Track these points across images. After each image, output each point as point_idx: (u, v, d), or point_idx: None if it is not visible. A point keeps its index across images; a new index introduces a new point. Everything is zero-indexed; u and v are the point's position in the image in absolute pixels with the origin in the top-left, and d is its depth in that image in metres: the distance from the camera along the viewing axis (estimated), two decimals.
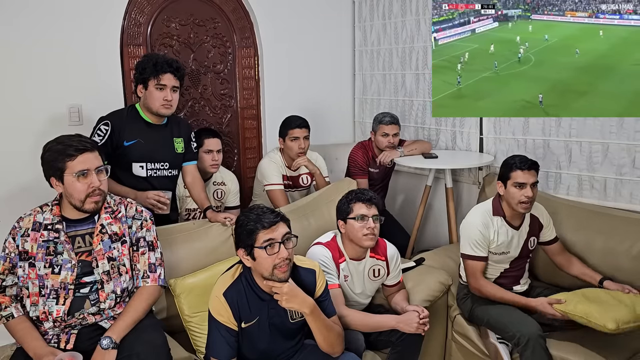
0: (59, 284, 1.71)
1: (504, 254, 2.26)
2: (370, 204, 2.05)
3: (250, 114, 3.41)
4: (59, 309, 1.70)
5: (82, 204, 1.72)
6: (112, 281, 1.77)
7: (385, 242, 2.19)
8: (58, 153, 1.70)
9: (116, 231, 1.81)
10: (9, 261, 1.72)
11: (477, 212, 2.29)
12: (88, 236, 1.77)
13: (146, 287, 1.84)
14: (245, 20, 3.29)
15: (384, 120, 3.02)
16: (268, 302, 1.75)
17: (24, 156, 2.53)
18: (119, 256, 1.80)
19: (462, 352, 2.38)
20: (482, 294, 2.24)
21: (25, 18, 2.54)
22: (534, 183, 2.17)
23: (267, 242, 1.66)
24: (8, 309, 1.70)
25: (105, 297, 1.76)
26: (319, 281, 1.83)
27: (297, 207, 2.65)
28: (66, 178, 1.69)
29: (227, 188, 2.88)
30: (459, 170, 3.16)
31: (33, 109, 2.58)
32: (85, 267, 1.75)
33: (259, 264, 1.69)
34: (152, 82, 2.20)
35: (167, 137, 2.34)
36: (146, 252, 1.86)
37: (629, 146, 2.45)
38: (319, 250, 2.06)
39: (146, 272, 1.85)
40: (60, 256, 1.72)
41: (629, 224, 2.33)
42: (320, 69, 3.62)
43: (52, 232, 1.73)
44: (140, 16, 2.92)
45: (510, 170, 2.19)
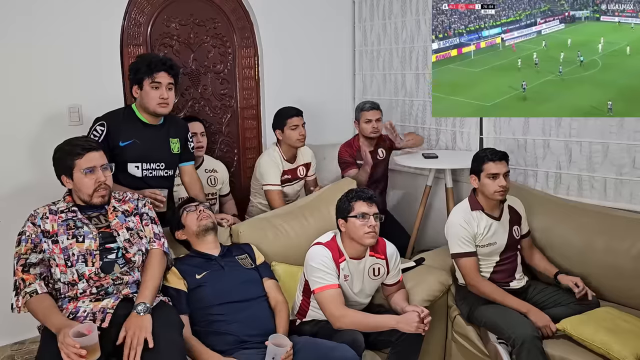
0: (85, 251, 1.84)
1: (491, 245, 2.30)
2: (371, 202, 2.05)
3: (250, 114, 3.41)
4: (90, 269, 1.82)
5: (91, 198, 1.89)
6: (135, 245, 1.95)
7: (384, 240, 2.19)
8: (67, 153, 1.88)
9: (127, 209, 2.00)
10: (31, 242, 1.82)
11: (457, 211, 2.36)
12: (102, 216, 1.94)
13: (155, 251, 1.99)
14: (245, 20, 3.29)
15: (365, 107, 3.09)
16: (216, 259, 2.10)
17: (24, 156, 2.54)
18: (135, 225, 1.99)
19: (462, 352, 2.38)
20: (480, 292, 2.26)
21: (26, 18, 2.54)
22: (506, 173, 2.26)
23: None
24: (32, 285, 1.75)
25: (133, 255, 1.91)
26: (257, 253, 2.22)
27: (297, 207, 2.65)
28: (75, 175, 1.87)
29: (219, 175, 2.94)
30: (459, 170, 3.16)
31: (33, 109, 2.59)
32: (107, 237, 1.90)
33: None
34: (147, 81, 2.20)
35: (163, 138, 2.34)
36: (149, 224, 2.03)
37: (629, 146, 2.45)
38: (319, 250, 2.06)
39: (152, 238, 2.01)
40: (81, 229, 1.87)
41: (629, 224, 2.33)
42: (321, 69, 3.63)
43: (70, 213, 1.90)
44: (141, 16, 2.92)
45: (482, 162, 2.28)
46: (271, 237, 2.46)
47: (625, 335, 1.94)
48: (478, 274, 2.28)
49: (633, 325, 2.02)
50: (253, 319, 2.00)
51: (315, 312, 2.11)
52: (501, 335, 2.11)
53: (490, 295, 2.23)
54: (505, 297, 2.21)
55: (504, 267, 2.33)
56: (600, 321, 2.03)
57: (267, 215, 2.61)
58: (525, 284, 2.37)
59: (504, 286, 2.30)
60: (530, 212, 2.48)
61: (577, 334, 2.00)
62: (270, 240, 2.45)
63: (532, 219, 2.48)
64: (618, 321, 2.04)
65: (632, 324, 2.03)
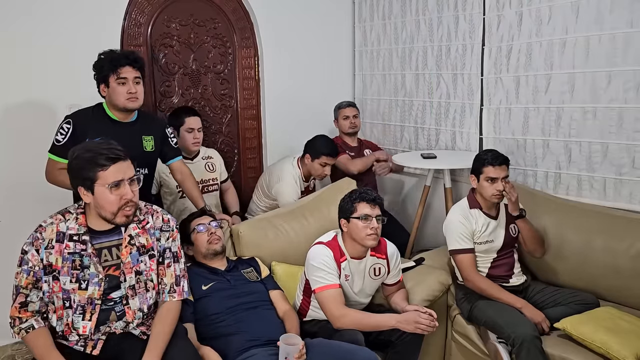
0: (86, 300, 1.64)
1: (488, 242, 2.32)
2: (375, 204, 2.05)
3: (250, 114, 3.42)
4: (85, 325, 1.65)
5: (114, 217, 1.62)
6: (138, 297, 1.71)
7: (385, 240, 2.19)
8: (87, 162, 1.58)
9: (144, 243, 1.73)
10: (33, 275, 1.62)
11: (455, 209, 2.39)
12: (115, 248, 1.69)
13: (173, 305, 1.78)
14: (245, 20, 3.30)
15: (342, 105, 3.31)
16: (222, 274, 2.08)
17: (25, 156, 2.54)
18: (147, 270, 1.73)
19: (462, 352, 2.38)
20: (476, 288, 2.28)
21: (26, 18, 2.54)
22: (505, 177, 2.28)
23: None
24: (28, 321, 1.61)
25: (132, 315, 1.71)
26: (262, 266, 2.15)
27: (297, 207, 2.66)
28: (97, 189, 1.59)
29: (215, 161, 2.97)
30: (459, 170, 3.16)
31: (33, 108, 2.59)
32: (113, 281, 1.68)
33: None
34: (112, 78, 2.12)
35: (134, 135, 2.25)
36: (172, 265, 1.80)
37: (629, 146, 2.46)
38: (320, 249, 2.07)
39: (172, 285, 1.79)
40: (87, 270, 1.64)
41: (628, 223, 2.33)
42: (321, 70, 3.63)
43: (79, 244, 1.64)
44: (141, 16, 2.92)
45: (482, 165, 2.30)
46: (271, 237, 2.46)
47: (625, 335, 1.95)
48: (475, 270, 2.30)
49: (633, 324, 2.02)
50: (261, 323, 1.98)
51: (316, 312, 2.11)
52: (501, 334, 2.11)
53: (485, 291, 2.25)
54: (500, 292, 2.23)
55: (501, 262, 2.35)
56: (600, 321, 2.04)
57: (267, 215, 2.62)
58: (525, 282, 2.38)
59: (503, 283, 2.31)
60: (530, 212, 2.48)
61: (577, 333, 2.00)
62: (270, 240, 2.45)
63: (532, 219, 2.48)
64: (618, 321, 2.04)
65: (631, 323, 2.03)
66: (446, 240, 2.37)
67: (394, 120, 3.61)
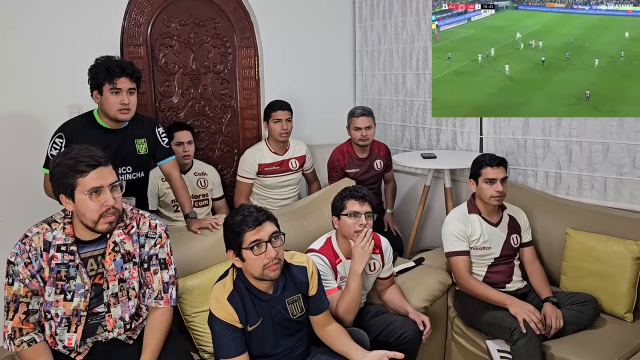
0: (71, 311, 1.62)
1: (485, 249, 2.31)
2: (363, 201, 2.06)
3: (250, 114, 3.41)
4: (71, 337, 1.63)
5: (95, 225, 1.57)
6: (120, 305, 1.68)
7: (378, 235, 2.21)
8: (68, 168, 1.53)
9: (129, 250, 1.70)
10: (26, 285, 1.60)
11: (453, 213, 2.40)
12: (101, 257, 1.66)
13: (160, 312, 1.75)
14: (245, 20, 3.29)
15: (355, 112, 2.94)
16: (267, 301, 1.76)
17: (24, 156, 2.54)
18: (129, 278, 1.70)
19: (462, 352, 2.38)
20: (465, 289, 2.28)
21: (26, 19, 2.54)
22: (504, 178, 2.28)
23: (253, 242, 1.64)
24: (30, 334, 1.60)
25: (113, 324, 1.68)
26: (311, 281, 1.82)
27: (297, 207, 2.66)
28: (77, 196, 1.54)
29: (209, 177, 2.97)
30: (459, 170, 3.16)
31: (33, 109, 2.59)
32: (98, 291, 1.66)
33: (248, 264, 1.68)
34: (106, 87, 2.09)
35: (127, 141, 2.23)
36: (158, 271, 1.75)
37: (629, 146, 2.45)
38: (314, 259, 2.06)
39: (160, 292, 1.75)
40: (72, 281, 1.61)
41: (629, 223, 2.32)
42: (321, 70, 3.62)
43: (67, 255, 1.60)
44: (141, 16, 2.92)
45: (480, 167, 2.30)
46: None
47: None
48: (468, 272, 2.29)
49: None
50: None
51: None
52: (501, 328, 2.11)
53: (472, 290, 2.25)
54: (487, 291, 2.22)
55: (498, 269, 2.34)
56: None
57: None
58: (524, 288, 2.36)
59: (499, 288, 2.30)
60: (530, 213, 2.48)
61: None
62: None
63: (532, 219, 2.48)
64: None
65: None
66: (442, 243, 2.37)
67: (394, 120, 3.61)
